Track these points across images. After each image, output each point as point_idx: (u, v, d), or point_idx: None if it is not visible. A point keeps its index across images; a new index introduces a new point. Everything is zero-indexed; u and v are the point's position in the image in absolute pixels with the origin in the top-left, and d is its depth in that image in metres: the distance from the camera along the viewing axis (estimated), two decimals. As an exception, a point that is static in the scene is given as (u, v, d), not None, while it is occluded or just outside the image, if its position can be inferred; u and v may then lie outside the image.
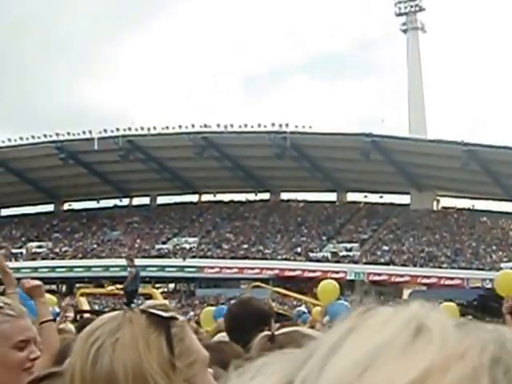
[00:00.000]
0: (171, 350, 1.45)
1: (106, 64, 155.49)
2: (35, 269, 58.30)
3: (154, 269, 62.48)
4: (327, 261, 61.20)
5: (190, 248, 65.78)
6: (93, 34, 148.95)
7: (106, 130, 66.66)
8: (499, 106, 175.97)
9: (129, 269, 20.03)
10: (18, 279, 4.50)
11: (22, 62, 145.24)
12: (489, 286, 52.68)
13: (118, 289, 20.06)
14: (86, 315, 16.66)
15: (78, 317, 16.73)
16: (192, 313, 44.15)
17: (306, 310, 18.46)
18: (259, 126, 64.40)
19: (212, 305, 44.67)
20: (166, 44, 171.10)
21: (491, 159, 58.78)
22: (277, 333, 2.82)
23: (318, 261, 61.23)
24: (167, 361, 1.43)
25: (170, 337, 1.45)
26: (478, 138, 60.25)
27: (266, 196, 74.47)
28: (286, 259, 62.24)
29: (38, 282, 4.38)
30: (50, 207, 78.61)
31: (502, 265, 56.23)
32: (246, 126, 64.83)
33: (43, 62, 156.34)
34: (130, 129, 66.56)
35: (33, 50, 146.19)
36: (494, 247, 60.54)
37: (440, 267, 58.35)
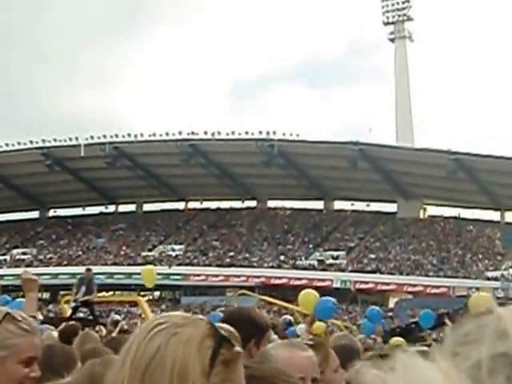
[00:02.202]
0: (212, 363, 1.48)
1: (93, 70, 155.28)
2: (19, 276, 57.67)
3: (140, 276, 62.16)
4: (314, 269, 61.10)
5: (176, 255, 65.56)
6: (79, 40, 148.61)
7: (92, 137, 66.38)
8: (486, 115, 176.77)
9: (93, 280, 19.68)
10: (2, 286, 4.53)
11: (8, 68, 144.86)
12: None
13: (81, 302, 19.66)
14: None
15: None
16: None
17: (291, 318, 18.24)
18: (246, 133, 64.26)
19: (196, 313, 44.46)
20: (153, 51, 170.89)
21: (478, 168, 58.86)
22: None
23: (305, 269, 61.13)
24: (204, 371, 1.47)
25: (217, 352, 1.49)
26: (465, 147, 60.26)
27: (252, 204, 74.34)
28: (272, 267, 62.12)
29: (34, 277, 4.62)
30: (35, 214, 78.23)
31: (488, 273, 56.34)
32: (233, 133, 64.68)
33: (30, 68, 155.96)
34: (116, 135, 66.30)
35: (19, 57, 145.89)
36: (480, 256, 60.57)
37: (426, 275, 58.37)
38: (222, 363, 1.48)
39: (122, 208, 77.86)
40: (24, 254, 68.57)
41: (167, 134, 65.49)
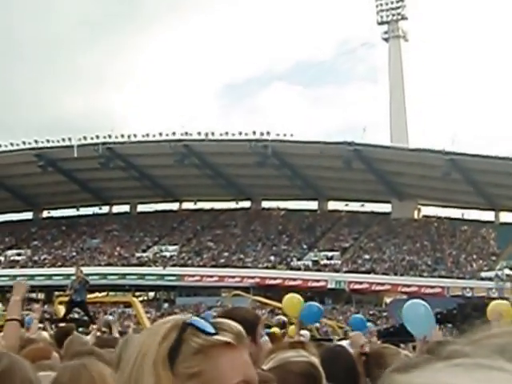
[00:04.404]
0: (175, 348, 1.41)
1: (87, 72, 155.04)
2: (14, 277, 57.53)
3: (134, 277, 62.12)
4: (308, 269, 61.01)
5: (171, 256, 65.41)
6: (74, 42, 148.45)
7: (85, 138, 66.09)
8: (481, 115, 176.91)
9: (78, 280, 19.13)
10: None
11: (3, 69, 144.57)
12: (469, 294, 52.72)
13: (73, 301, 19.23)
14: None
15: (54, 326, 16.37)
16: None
17: (285, 319, 18.24)
18: (240, 133, 64.09)
19: (192, 313, 44.36)
20: (147, 53, 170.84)
21: (472, 168, 58.82)
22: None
23: (299, 269, 61.04)
24: (168, 356, 1.41)
25: (180, 337, 1.43)
26: (460, 147, 60.03)
27: (246, 204, 74.24)
28: (266, 268, 62.02)
29: (22, 282, 4.98)
30: (28, 215, 78.02)
31: (483, 274, 56.33)
32: (227, 133, 64.52)
33: (25, 69, 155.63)
34: (110, 136, 66.03)
35: (14, 59, 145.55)
36: (475, 256, 60.53)
37: (421, 276, 58.31)
38: (193, 352, 1.41)
39: (116, 209, 77.75)
40: (18, 255, 68.39)
41: (161, 134, 65.28)
